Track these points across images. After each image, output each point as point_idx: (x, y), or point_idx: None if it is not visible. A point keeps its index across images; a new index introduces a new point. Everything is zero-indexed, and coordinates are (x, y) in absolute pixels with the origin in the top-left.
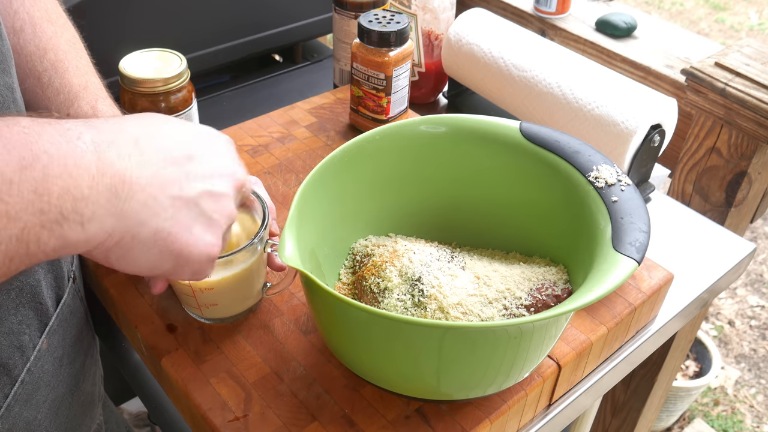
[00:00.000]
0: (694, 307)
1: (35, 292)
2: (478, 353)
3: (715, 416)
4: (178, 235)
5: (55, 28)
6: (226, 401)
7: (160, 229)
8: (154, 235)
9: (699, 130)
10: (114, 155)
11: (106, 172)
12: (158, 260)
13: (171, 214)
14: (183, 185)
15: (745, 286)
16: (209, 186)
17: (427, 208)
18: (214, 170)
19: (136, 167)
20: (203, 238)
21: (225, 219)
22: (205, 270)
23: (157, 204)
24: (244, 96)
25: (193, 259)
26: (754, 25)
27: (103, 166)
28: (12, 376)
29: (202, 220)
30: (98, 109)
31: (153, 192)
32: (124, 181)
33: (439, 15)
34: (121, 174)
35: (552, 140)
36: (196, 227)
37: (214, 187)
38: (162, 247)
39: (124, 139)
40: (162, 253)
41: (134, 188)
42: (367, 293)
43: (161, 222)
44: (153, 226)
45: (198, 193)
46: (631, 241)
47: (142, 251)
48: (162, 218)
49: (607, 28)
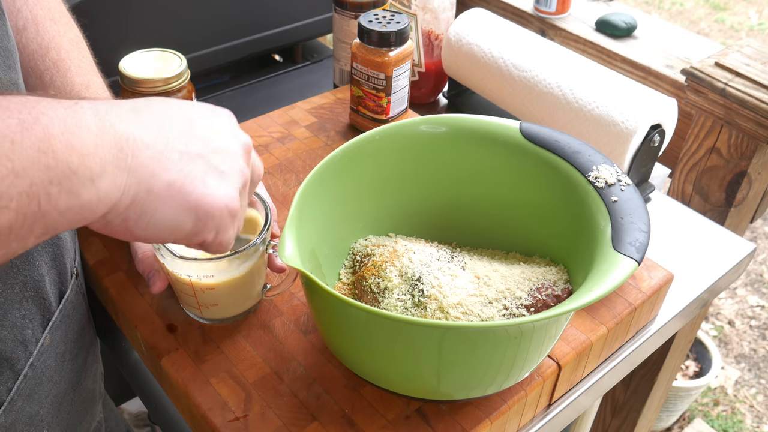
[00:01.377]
0: (694, 307)
1: (39, 287)
2: (478, 353)
3: (715, 416)
4: (192, 185)
5: (58, 27)
6: (226, 401)
7: (173, 180)
8: (168, 188)
9: (699, 130)
10: (114, 117)
11: (108, 131)
12: (178, 217)
13: (181, 167)
14: (188, 142)
15: (745, 286)
16: (215, 143)
17: (427, 208)
18: (217, 131)
19: (137, 128)
20: (219, 189)
21: (237, 173)
22: (228, 229)
23: (165, 158)
24: (244, 96)
25: (214, 212)
26: (754, 25)
27: (103, 125)
28: (15, 370)
29: (214, 174)
30: None
31: (159, 147)
32: (128, 138)
33: (439, 15)
34: (122, 132)
35: (552, 140)
36: (209, 179)
37: (220, 144)
38: (179, 200)
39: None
40: (180, 207)
41: (138, 145)
42: (367, 293)
43: (173, 174)
44: (165, 179)
45: (204, 149)
46: (631, 241)
47: (159, 207)
48: (173, 171)
49: (607, 28)
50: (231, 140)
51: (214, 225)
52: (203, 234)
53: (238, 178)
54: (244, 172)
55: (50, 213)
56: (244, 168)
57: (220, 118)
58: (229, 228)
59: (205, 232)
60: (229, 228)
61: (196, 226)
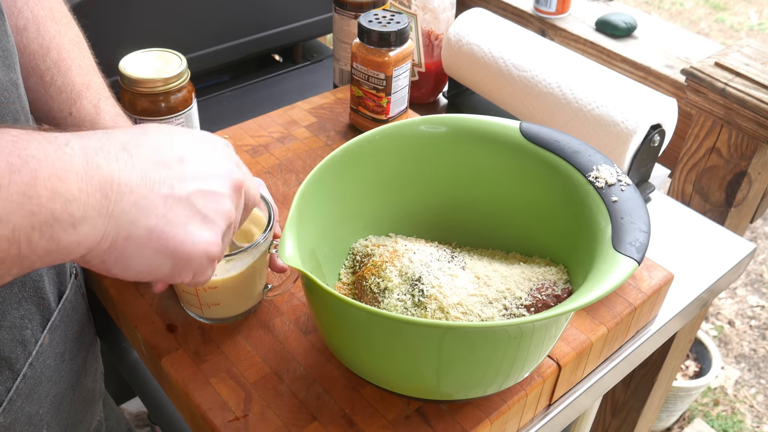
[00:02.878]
0: (694, 307)
1: (37, 287)
2: (478, 353)
3: (715, 416)
4: (172, 232)
5: (59, 27)
6: (226, 401)
7: (153, 227)
8: (148, 234)
9: (699, 130)
10: (101, 159)
11: (94, 176)
12: (155, 261)
13: (163, 213)
14: (174, 184)
15: (745, 286)
16: (202, 185)
17: (427, 208)
18: (207, 171)
19: (123, 170)
20: (200, 236)
21: (222, 218)
22: (206, 271)
23: (148, 203)
24: (244, 96)
25: (193, 258)
26: (754, 25)
27: (90, 169)
28: (14, 370)
29: (197, 218)
30: (101, 108)
31: (142, 192)
32: (113, 183)
33: (439, 15)
34: (108, 176)
35: (552, 140)
36: (191, 225)
37: (207, 186)
38: (157, 246)
39: (112, 145)
40: (158, 252)
41: (123, 189)
42: (367, 293)
43: (154, 220)
44: (145, 225)
45: (190, 191)
46: (631, 241)
47: (138, 252)
48: (154, 216)
49: (607, 28)
50: (220, 180)
51: (191, 269)
52: (180, 276)
53: (222, 222)
54: (229, 214)
55: (29, 257)
56: (230, 211)
57: (214, 153)
58: (207, 270)
59: (182, 274)
60: (207, 270)
61: (174, 269)
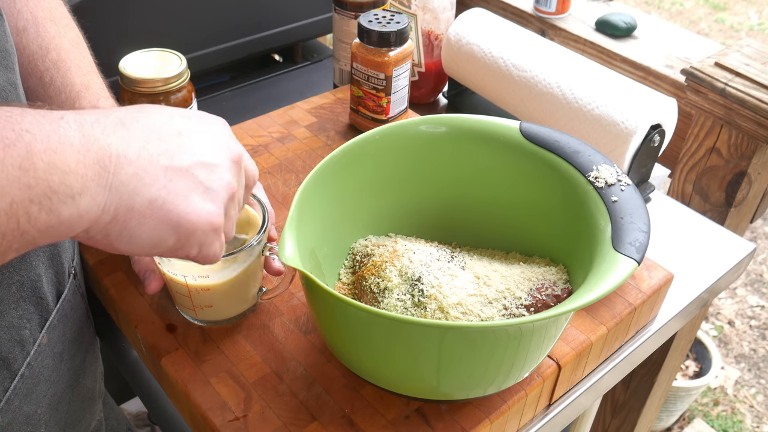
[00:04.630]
0: (694, 307)
1: (36, 286)
2: (478, 353)
3: (715, 416)
4: (174, 203)
5: (58, 28)
6: (226, 401)
7: (155, 198)
8: (150, 205)
9: (699, 130)
10: (98, 132)
11: (91, 148)
12: (159, 233)
13: (164, 183)
14: (174, 156)
15: (745, 286)
16: (202, 157)
17: (427, 208)
18: (205, 143)
19: (121, 142)
20: (202, 206)
21: (224, 189)
22: (212, 244)
23: (148, 174)
24: (244, 96)
25: (197, 229)
26: (754, 25)
27: (87, 141)
28: (12, 370)
29: (199, 189)
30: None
31: (142, 164)
32: (111, 155)
33: (439, 15)
34: (106, 148)
35: (552, 140)
36: (193, 195)
37: (207, 158)
38: (160, 218)
39: (109, 120)
40: (161, 224)
41: (122, 161)
42: (367, 293)
43: (155, 191)
44: (147, 196)
45: (190, 163)
46: (631, 241)
47: (140, 224)
48: (155, 187)
49: (607, 28)
50: (219, 153)
51: (196, 241)
52: (186, 249)
53: (224, 193)
54: (230, 185)
55: (30, 231)
56: (231, 181)
57: (212, 128)
58: (214, 242)
59: (187, 247)
60: (214, 242)
61: (179, 241)
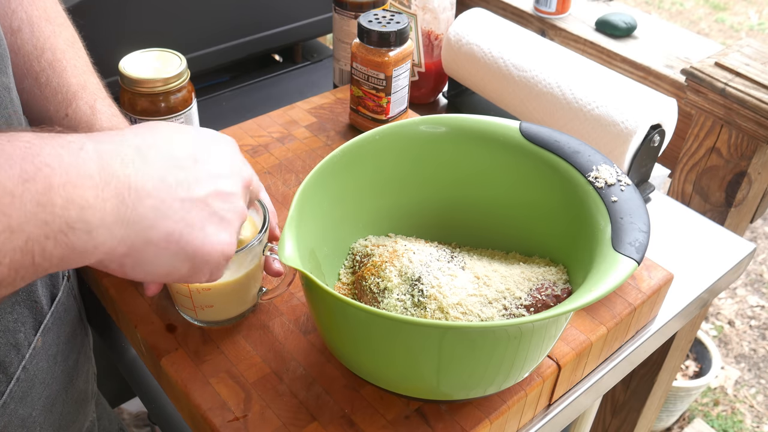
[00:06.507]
0: (694, 307)
1: (30, 290)
2: (478, 353)
3: (715, 416)
4: (191, 235)
5: (54, 28)
6: (226, 401)
7: (172, 231)
8: (167, 238)
9: (699, 130)
10: (117, 164)
11: (110, 181)
12: (174, 263)
13: (181, 216)
14: (191, 187)
15: (745, 286)
16: (218, 186)
17: (427, 208)
18: (220, 170)
19: (140, 174)
20: (218, 237)
21: (237, 217)
22: (222, 268)
23: (166, 206)
24: (244, 96)
25: (211, 258)
26: (754, 25)
27: (106, 175)
28: (8, 373)
29: (214, 220)
30: (97, 109)
31: (161, 196)
32: (130, 188)
33: (439, 15)
34: (125, 181)
35: (552, 140)
36: (209, 227)
37: (222, 187)
38: (176, 249)
39: (127, 149)
40: (177, 255)
41: (141, 194)
42: (367, 293)
43: (172, 224)
44: (164, 229)
45: (207, 193)
46: (631, 241)
47: (157, 256)
48: (173, 220)
49: (607, 28)
50: (233, 180)
51: (208, 269)
52: (197, 276)
53: (237, 222)
54: (243, 214)
55: (43, 264)
56: (243, 210)
57: (224, 149)
58: (222, 268)
59: (199, 275)
60: (222, 268)
61: (191, 270)
